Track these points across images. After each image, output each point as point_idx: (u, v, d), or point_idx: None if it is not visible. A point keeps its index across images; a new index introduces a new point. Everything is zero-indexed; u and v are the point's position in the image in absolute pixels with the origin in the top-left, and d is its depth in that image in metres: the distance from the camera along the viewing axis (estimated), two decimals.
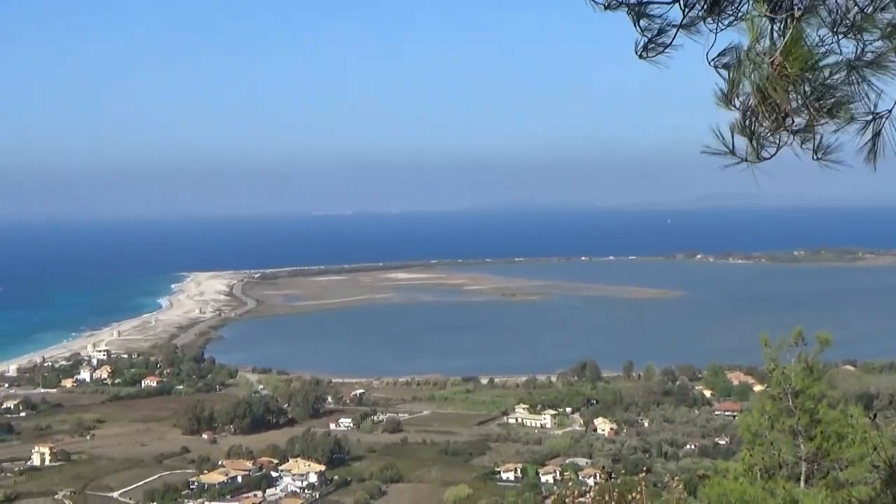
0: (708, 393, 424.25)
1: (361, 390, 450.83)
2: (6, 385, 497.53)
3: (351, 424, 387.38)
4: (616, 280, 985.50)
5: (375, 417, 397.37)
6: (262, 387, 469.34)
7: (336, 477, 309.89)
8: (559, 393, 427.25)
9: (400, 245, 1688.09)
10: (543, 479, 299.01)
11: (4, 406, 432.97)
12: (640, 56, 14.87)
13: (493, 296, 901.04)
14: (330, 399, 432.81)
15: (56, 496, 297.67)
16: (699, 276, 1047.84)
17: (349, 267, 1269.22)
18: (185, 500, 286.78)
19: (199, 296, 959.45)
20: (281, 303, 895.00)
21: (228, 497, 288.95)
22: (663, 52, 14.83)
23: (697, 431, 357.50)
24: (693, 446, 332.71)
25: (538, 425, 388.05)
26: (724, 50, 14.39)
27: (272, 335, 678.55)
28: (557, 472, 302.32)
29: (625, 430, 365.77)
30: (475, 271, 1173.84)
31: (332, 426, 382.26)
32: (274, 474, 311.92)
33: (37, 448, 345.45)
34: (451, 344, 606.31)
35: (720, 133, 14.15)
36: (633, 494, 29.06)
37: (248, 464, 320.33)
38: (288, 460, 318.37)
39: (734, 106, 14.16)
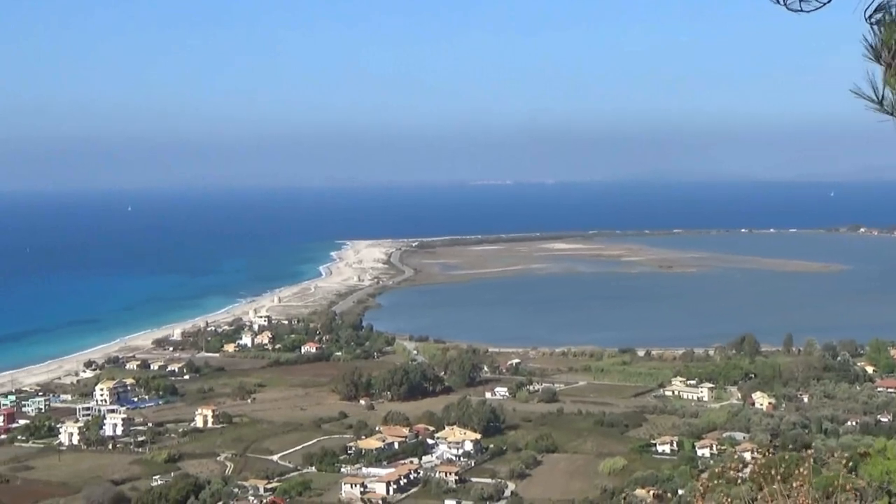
0: (870, 369, 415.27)
1: (517, 360, 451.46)
2: (171, 348, 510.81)
3: (506, 393, 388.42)
4: (776, 253, 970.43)
5: (531, 387, 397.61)
6: (418, 354, 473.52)
7: (491, 445, 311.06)
8: (717, 366, 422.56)
9: (557, 215, 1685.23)
10: (700, 452, 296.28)
11: (169, 369, 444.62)
12: (789, 6, 14.64)
13: (651, 267, 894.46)
14: (486, 368, 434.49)
15: (218, 457, 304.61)
16: (863, 250, 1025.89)
17: (506, 237, 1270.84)
18: (343, 465, 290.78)
19: (357, 263, 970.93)
20: (438, 271, 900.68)
21: (385, 463, 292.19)
22: (821, 6, 14.57)
23: (859, 408, 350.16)
24: (854, 423, 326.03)
25: (695, 398, 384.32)
26: (879, 5, 14.07)
27: (429, 303, 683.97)
28: (714, 446, 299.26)
29: (783, 405, 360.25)
30: (633, 242, 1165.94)
31: (488, 395, 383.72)
32: (430, 441, 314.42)
33: (200, 410, 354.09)
34: (608, 315, 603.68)
35: (874, 83, 13.85)
36: (800, 470, 28.46)
37: (405, 430, 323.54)
38: (444, 428, 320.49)
39: (883, 61, 13.86)
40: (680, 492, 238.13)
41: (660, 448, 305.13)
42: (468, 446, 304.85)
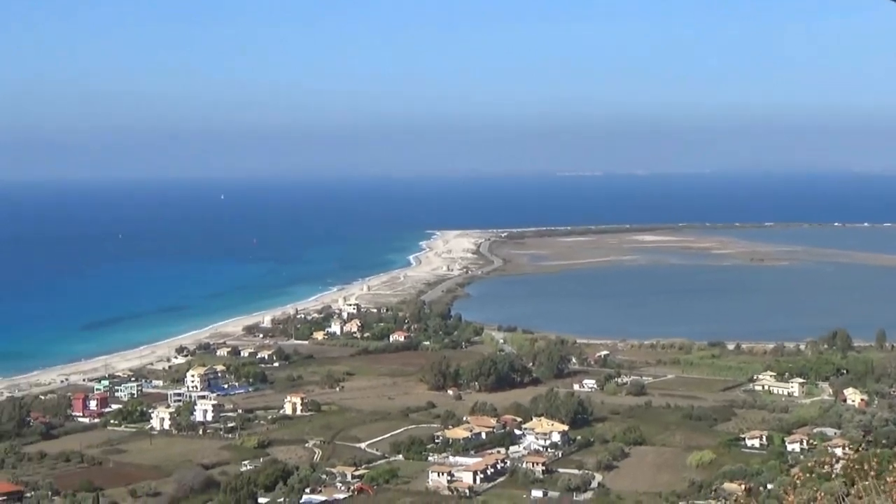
0: None
1: (606, 352, 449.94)
2: (261, 335, 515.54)
3: (595, 385, 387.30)
4: (870, 247, 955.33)
5: (619, 379, 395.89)
6: (507, 345, 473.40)
7: (579, 437, 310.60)
8: (808, 361, 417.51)
9: (647, 207, 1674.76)
10: (790, 447, 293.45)
11: (259, 356, 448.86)
12: None
13: (742, 260, 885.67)
14: (574, 359, 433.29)
15: (307, 444, 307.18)
16: None
17: (595, 228, 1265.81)
18: (430, 454, 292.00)
19: (446, 253, 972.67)
20: (527, 262, 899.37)
21: (472, 452, 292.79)
22: None
23: None
24: None
25: (785, 393, 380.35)
26: None
27: (518, 294, 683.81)
28: (804, 441, 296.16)
29: (876, 402, 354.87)
30: (723, 235, 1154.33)
31: (576, 387, 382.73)
32: (517, 432, 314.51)
33: (289, 397, 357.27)
34: (697, 307, 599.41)
35: None
36: (894, 466, 28.11)
37: (492, 421, 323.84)
38: (531, 419, 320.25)
39: None
40: (769, 486, 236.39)
41: (749, 442, 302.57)
42: (555, 437, 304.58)
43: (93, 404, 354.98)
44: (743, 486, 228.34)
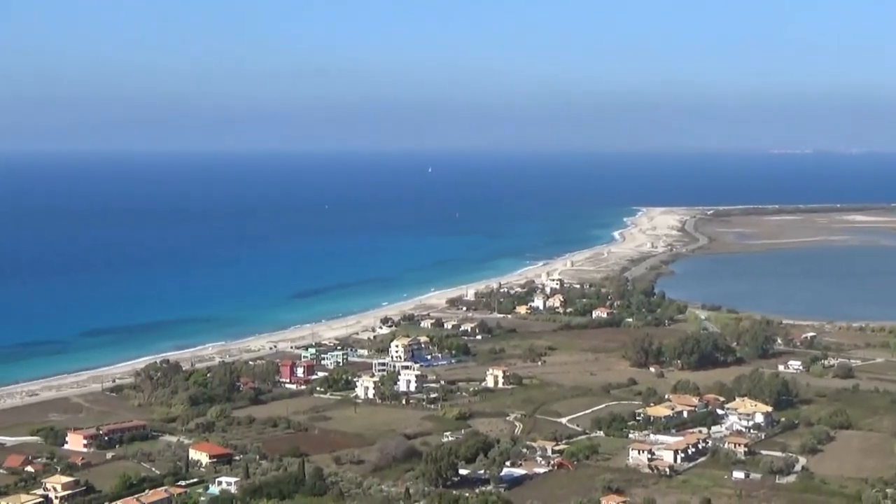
0: None
1: (812, 333, 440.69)
2: (464, 308, 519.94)
3: (800, 367, 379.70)
4: None
5: (826, 361, 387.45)
6: (710, 323, 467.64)
7: (783, 419, 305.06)
8: None
9: (859, 186, 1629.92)
10: None
11: (462, 328, 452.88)
12: None
13: None
14: (779, 340, 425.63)
15: (508, 417, 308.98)
16: None
17: (805, 207, 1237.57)
18: (631, 431, 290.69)
19: (651, 230, 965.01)
20: (733, 240, 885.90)
21: (673, 431, 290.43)
22: None
23: None
24: None
25: None
26: None
27: (723, 272, 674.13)
28: None
29: None
30: None
31: (781, 367, 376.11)
32: (720, 412, 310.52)
33: (491, 370, 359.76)
34: None
35: None
36: None
37: (694, 400, 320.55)
38: (734, 399, 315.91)
39: None
40: None
41: None
42: (759, 418, 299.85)
43: (300, 371, 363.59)
44: None
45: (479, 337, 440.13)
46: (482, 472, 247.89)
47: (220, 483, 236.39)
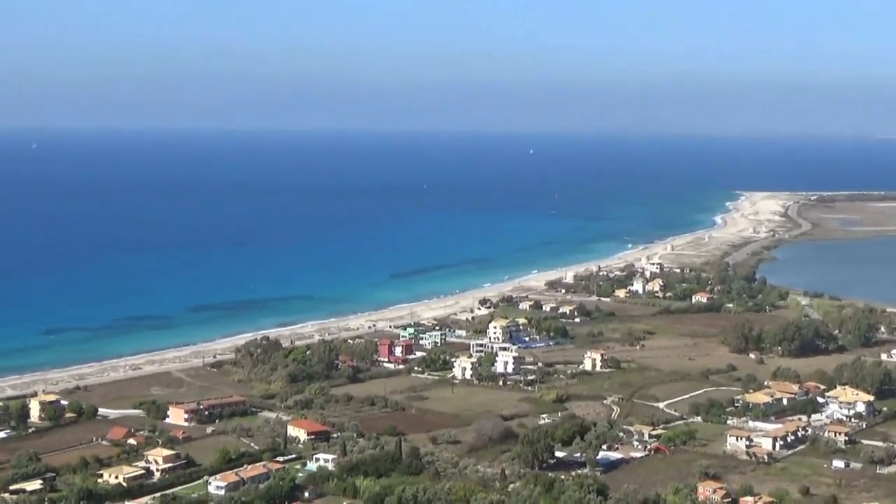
0: None
1: None
2: (563, 291, 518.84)
3: None
4: None
5: None
6: (812, 310, 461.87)
7: (885, 408, 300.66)
8: None
9: None
10: None
11: (561, 311, 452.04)
12: None
13: None
14: (883, 328, 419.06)
15: (605, 401, 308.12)
16: None
17: None
18: (729, 417, 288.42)
19: (753, 215, 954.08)
20: (836, 227, 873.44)
21: (772, 418, 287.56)
22: None
23: None
24: None
25: None
26: None
27: (826, 259, 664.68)
28: None
29: None
30: None
31: (884, 356, 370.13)
32: (820, 400, 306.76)
33: (589, 353, 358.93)
34: None
35: None
36: None
37: (794, 387, 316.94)
38: (835, 387, 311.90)
39: None
40: None
41: None
42: (860, 407, 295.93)
43: (398, 351, 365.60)
44: None
45: (577, 320, 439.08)
46: (578, 454, 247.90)
47: (317, 460, 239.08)
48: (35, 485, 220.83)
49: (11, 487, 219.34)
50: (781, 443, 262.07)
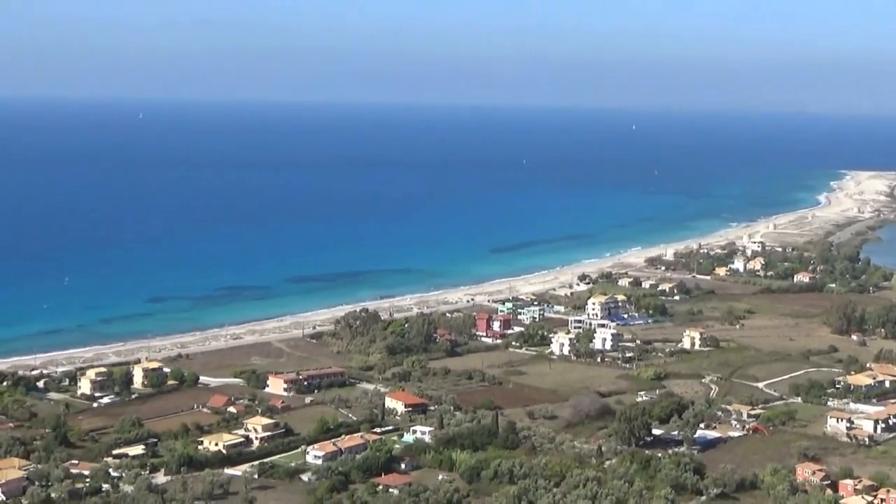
0: None
1: None
2: (662, 268, 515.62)
3: None
4: None
5: None
6: None
7: None
8: None
9: None
10: None
11: (660, 288, 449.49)
12: None
13: None
14: None
15: (703, 379, 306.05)
16: None
17: None
18: (830, 399, 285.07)
19: (857, 195, 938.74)
20: None
21: (874, 400, 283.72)
22: None
23: None
24: None
25: None
26: None
27: None
28: None
29: None
30: None
31: None
32: None
33: (688, 332, 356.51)
34: None
35: None
36: None
37: None
38: None
39: None
40: None
41: None
42: None
43: (496, 325, 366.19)
44: None
45: (676, 297, 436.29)
46: (676, 433, 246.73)
47: (414, 432, 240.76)
48: (137, 450, 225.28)
49: (114, 452, 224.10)
50: (883, 426, 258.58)
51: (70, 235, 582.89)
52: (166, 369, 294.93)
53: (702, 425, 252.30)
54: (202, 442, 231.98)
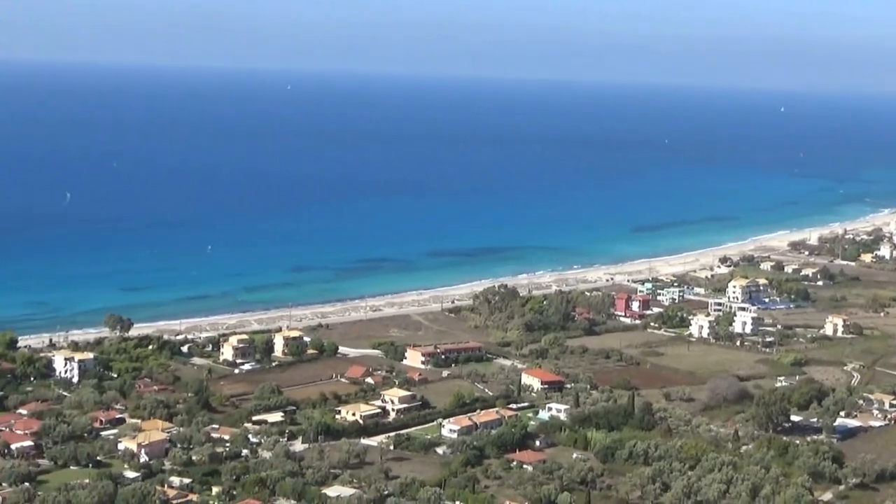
0: None
1: None
2: (806, 252, 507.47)
3: None
4: None
5: None
6: None
7: None
8: None
9: None
10: None
11: (803, 273, 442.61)
12: None
13: None
14: None
15: (845, 367, 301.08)
16: None
17: None
18: None
19: None
20: None
21: None
22: None
23: None
24: None
25: None
26: None
27: None
28: None
29: None
30: None
31: None
32: None
33: (830, 318, 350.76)
34: None
35: None
36: None
37: None
38: None
39: None
40: None
41: None
42: None
43: (635, 305, 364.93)
44: None
45: (819, 283, 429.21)
46: (815, 420, 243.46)
47: (550, 409, 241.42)
48: (276, 416, 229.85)
49: (254, 418, 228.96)
50: None
51: (218, 203, 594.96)
52: (306, 338, 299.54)
53: (842, 413, 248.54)
54: (339, 411, 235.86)
